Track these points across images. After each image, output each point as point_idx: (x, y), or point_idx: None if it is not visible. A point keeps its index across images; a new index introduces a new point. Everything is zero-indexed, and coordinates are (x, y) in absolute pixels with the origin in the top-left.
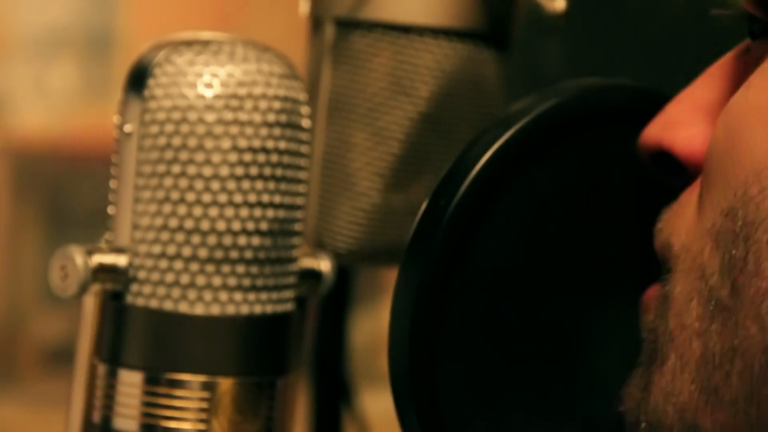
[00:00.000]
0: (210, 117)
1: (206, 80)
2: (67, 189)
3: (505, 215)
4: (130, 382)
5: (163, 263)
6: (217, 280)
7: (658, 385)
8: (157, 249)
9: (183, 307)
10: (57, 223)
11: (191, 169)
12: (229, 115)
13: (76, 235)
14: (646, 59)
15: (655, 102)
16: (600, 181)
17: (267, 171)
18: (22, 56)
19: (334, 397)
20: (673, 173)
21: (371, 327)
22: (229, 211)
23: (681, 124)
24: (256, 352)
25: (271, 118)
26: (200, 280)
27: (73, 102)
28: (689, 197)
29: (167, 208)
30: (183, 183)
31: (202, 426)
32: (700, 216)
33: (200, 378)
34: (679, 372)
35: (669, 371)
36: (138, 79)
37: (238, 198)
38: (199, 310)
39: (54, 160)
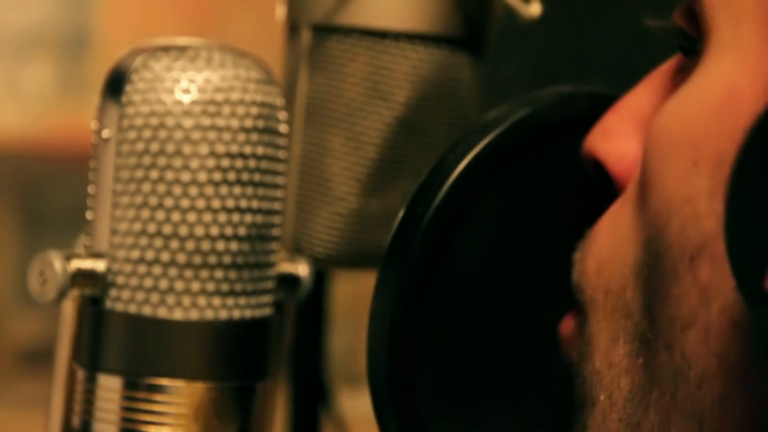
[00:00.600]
0: (188, 123)
1: (184, 86)
2: (42, 189)
3: (482, 222)
4: (110, 387)
5: (142, 268)
6: (195, 285)
7: (591, 428)
8: (135, 254)
9: (162, 312)
10: (32, 224)
11: (169, 175)
12: (206, 121)
13: (52, 236)
14: (620, 64)
15: None
16: (575, 188)
17: (245, 176)
18: None
19: (312, 399)
20: (610, 182)
21: (349, 329)
22: (208, 217)
23: (615, 136)
24: (235, 357)
25: (249, 123)
26: (179, 285)
27: (48, 102)
28: (601, 223)
29: (145, 213)
30: (161, 188)
31: (181, 431)
32: (617, 250)
33: (179, 383)
34: (609, 412)
35: (600, 413)
36: (116, 84)
37: (216, 203)
38: (177, 315)
39: (28, 160)
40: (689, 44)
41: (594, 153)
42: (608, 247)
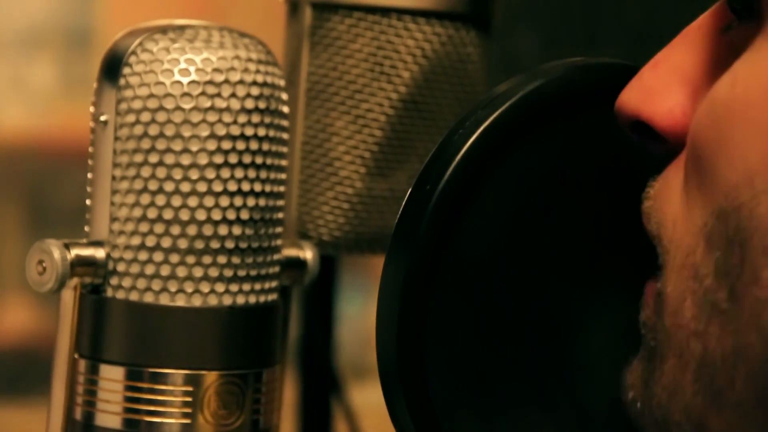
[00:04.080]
0: (187, 104)
1: (182, 67)
2: (47, 187)
3: (493, 199)
4: (112, 377)
5: (143, 255)
6: (198, 271)
7: (660, 383)
8: (136, 241)
9: (164, 300)
10: (37, 221)
11: (169, 158)
12: (206, 102)
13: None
14: (631, 37)
15: None
16: (588, 163)
17: (247, 158)
18: (0, 55)
19: (322, 387)
20: (654, 141)
21: (358, 315)
22: (209, 201)
23: (659, 94)
24: (240, 344)
25: (249, 104)
26: (181, 272)
27: (52, 100)
28: (674, 176)
29: (145, 198)
30: (161, 173)
31: (186, 420)
32: (688, 208)
33: (183, 372)
34: (681, 372)
35: (670, 370)
36: (112, 67)
37: (217, 186)
38: (180, 301)
39: (33, 158)
40: (742, 5)
41: (636, 112)
42: (680, 204)
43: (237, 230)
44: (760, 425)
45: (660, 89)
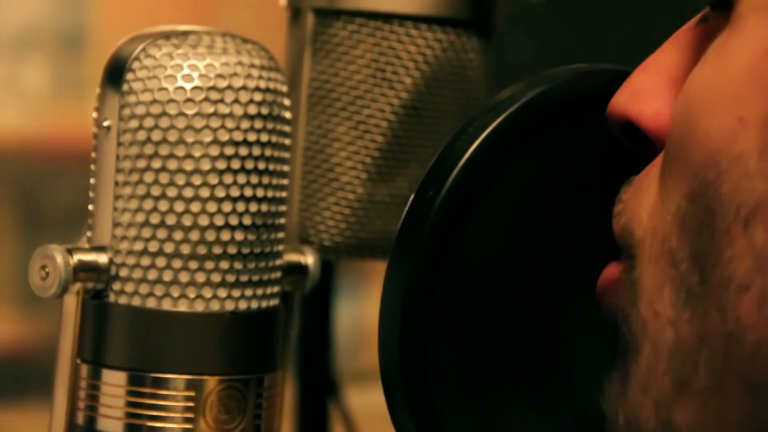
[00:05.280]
0: (190, 110)
1: (185, 73)
2: (41, 188)
3: (495, 205)
4: (114, 382)
5: (146, 260)
6: (200, 277)
7: (635, 378)
8: (138, 246)
9: (166, 305)
10: (31, 223)
11: (172, 164)
12: (209, 108)
13: (50, 234)
14: (632, 44)
15: None
16: (591, 169)
17: (249, 164)
18: None
19: (320, 391)
20: (643, 143)
21: (356, 319)
22: (212, 206)
23: (647, 95)
24: (242, 349)
25: (252, 110)
26: (183, 277)
27: (46, 101)
28: (649, 175)
29: (148, 204)
30: (164, 178)
31: (188, 425)
32: (663, 197)
33: (185, 377)
34: (654, 362)
35: (644, 362)
36: (115, 73)
37: (220, 192)
38: (182, 307)
39: (27, 159)
40: (718, 0)
41: (625, 113)
42: (655, 195)
43: (239, 236)
44: (718, 416)
45: (648, 90)
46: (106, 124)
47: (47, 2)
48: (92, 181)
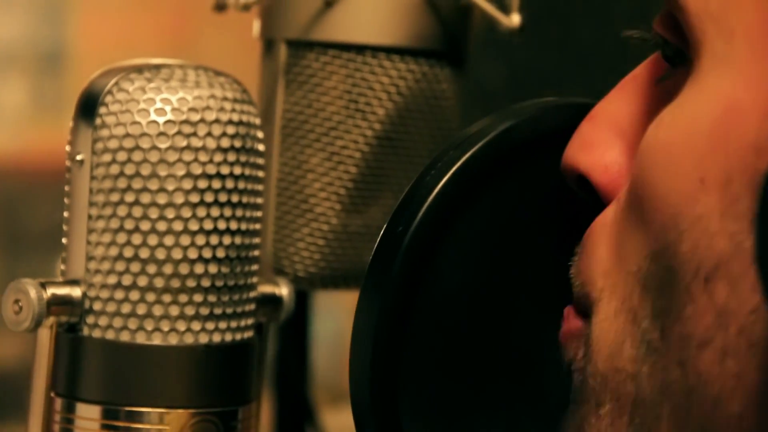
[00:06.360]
0: (163, 144)
1: (158, 107)
2: (18, 206)
3: (465, 238)
4: (88, 416)
5: (119, 294)
6: (174, 310)
7: (596, 428)
8: (112, 279)
9: (140, 338)
10: (8, 241)
11: (145, 198)
12: (182, 142)
13: (28, 253)
14: (603, 74)
15: None
16: (559, 202)
17: (222, 197)
18: None
19: (297, 418)
20: (595, 194)
21: (332, 345)
22: (185, 239)
23: (597, 148)
24: (216, 382)
25: (225, 143)
26: (157, 310)
27: (23, 119)
28: (600, 234)
29: (122, 237)
30: (137, 212)
31: None
32: (620, 256)
33: (159, 410)
34: (617, 416)
35: (606, 415)
36: (88, 107)
37: (193, 225)
38: (156, 340)
39: (4, 176)
40: (674, 53)
41: (576, 166)
42: (611, 254)
43: (213, 269)
44: None
45: (596, 142)
46: (79, 158)
47: (25, 23)
48: (65, 214)
